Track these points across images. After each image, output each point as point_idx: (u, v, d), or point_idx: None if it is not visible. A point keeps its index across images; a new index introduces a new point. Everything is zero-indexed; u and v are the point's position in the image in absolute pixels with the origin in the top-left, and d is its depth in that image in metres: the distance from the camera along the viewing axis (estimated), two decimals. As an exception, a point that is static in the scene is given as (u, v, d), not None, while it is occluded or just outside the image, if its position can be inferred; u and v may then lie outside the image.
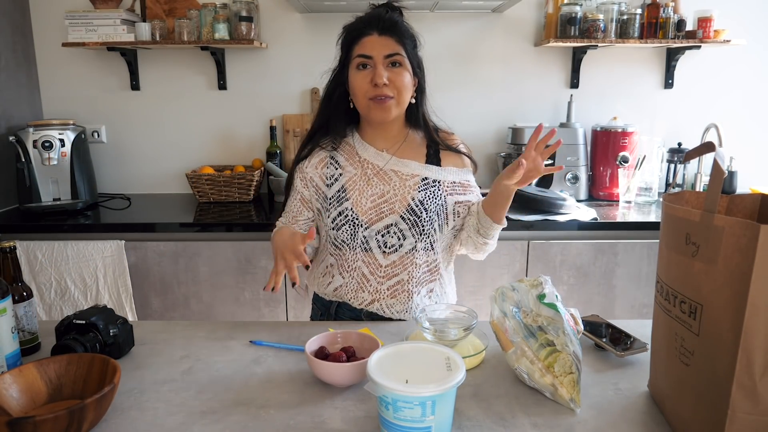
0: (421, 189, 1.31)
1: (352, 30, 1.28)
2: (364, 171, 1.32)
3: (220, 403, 0.93)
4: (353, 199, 1.30)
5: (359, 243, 1.30)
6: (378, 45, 1.23)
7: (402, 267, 1.31)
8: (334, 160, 1.35)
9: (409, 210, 1.29)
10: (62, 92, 2.67)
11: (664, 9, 2.41)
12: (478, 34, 2.62)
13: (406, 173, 1.32)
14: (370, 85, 1.24)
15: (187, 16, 2.46)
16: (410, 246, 1.30)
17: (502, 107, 2.67)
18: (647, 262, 2.15)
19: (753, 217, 0.88)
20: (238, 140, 2.71)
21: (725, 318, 0.70)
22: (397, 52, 1.24)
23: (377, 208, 1.30)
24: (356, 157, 1.34)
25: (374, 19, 1.25)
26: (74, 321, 1.05)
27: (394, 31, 1.25)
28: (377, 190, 1.31)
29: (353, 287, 1.32)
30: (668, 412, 0.86)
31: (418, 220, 1.29)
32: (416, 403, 0.76)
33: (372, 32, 1.24)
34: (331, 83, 1.34)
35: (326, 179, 1.34)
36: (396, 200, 1.30)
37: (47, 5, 2.58)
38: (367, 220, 1.29)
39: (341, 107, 1.33)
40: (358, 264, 1.31)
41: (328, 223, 1.31)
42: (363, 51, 1.24)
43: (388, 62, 1.24)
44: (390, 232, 1.29)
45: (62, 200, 2.39)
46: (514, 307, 0.99)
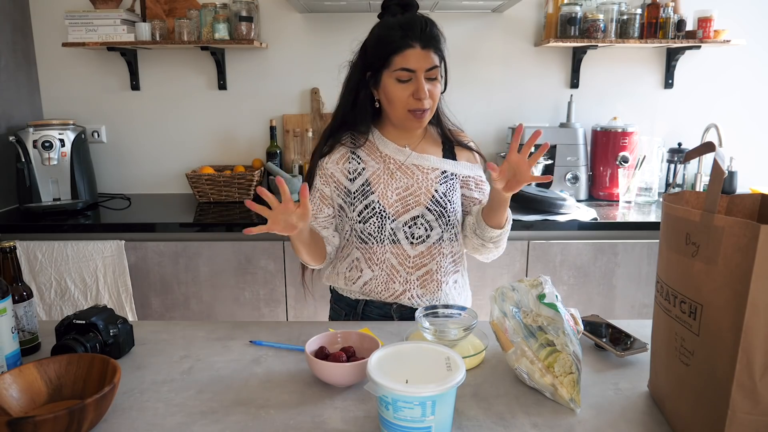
0: (442, 182, 1.35)
1: (393, 38, 1.25)
2: (387, 165, 1.35)
3: (220, 403, 0.93)
4: (378, 192, 1.33)
5: (387, 235, 1.32)
6: (421, 59, 1.24)
7: (430, 257, 1.34)
8: (355, 155, 1.36)
9: (434, 201, 1.33)
10: (62, 92, 2.67)
11: (664, 9, 2.41)
12: (478, 34, 2.62)
13: (427, 167, 1.35)
14: (411, 98, 1.26)
15: (187, 16, 2.46)
16: (437, 236, 1.34)
17: (502, 107, 2.67)
18: (647, 262, 2.15)
19: (753, 217, 0.88)
20: (238, 140, 2.71)
21: (725, 318, 0.70)
22: (435, 66, 1.26)
23: (402, 201, 1.33)
24: (377, 153, 1.36)
25: (415, 30, 1.24)
26: (74, 321, 1.06)
27: (433, 44, 1.25)
28: (401, 183, 1.34)
29: (383, 279, 1.34)
30: (668, 412, 0.86)
31: (444, 211, 1.33)
32: (416, 403, 0.76)
33: (415, 45, 1.23)
34: (356, 82, 1.33)
35: (348, 174, 1.35)
36: (420, 193, 1.33)
37: (47, 5, 2.58)
38: (394, 212, 1.32)
39: (367, 108, 1.34)
40: (386, 256, 1.33)
41: (354, 216, 1.33)
42: (406, 65, 1.24)
43: (427, 76, 1.26)
44: (417, 223, 1.33)
45: (62, 200, 2.39)
46: (514, 307, 0.99)
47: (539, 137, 1.13)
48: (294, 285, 2.17)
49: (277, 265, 2.15)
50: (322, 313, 2.19)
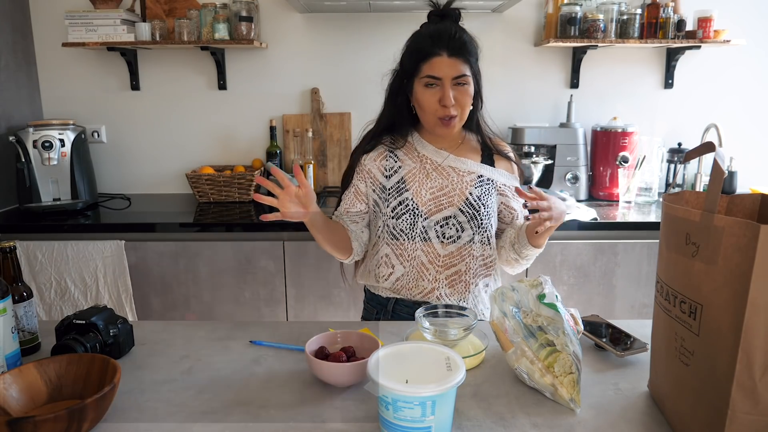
0: (477, 185, 1.37)
1: (422, 47, 1.29)
2: (423, 165, 1.38)
3: (220, 403, 0.93)
4: (413, 190, 1.36)
5: (418, 233, 1.34)
6: (447, 67, 1.26)
7: (460, 258, 1.36)
8: (393, 153, 1.39)
9: (468, 204, 1.35)
10: (62, 92, 2.67)
11: (664, 9, 2.41)
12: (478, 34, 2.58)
13: (463, 170, 1.37)
14: (438, 105, 1.28)
15: (187, 16, 2.46)
16: (468, 238, 1.35)
17: (502, 107, 2.67)
18: (647, 262, 2.15)
19: (753, 217, 0.88)
20: (238, 140, 2.71)
21: (725, 318, 0.70)
22: (464, 74, 1.27)
23: (436, 200, 1.35)
24: (415, 153, 1.39)
25: (444, 39, 1.26)
26: (74, 321, 1.05)
27: (462, 51, 1.27)
28: (436, 184, 1.36)
29: (413, 276, 1.36)
30: (668, 412, 0.86)
31: (477, 214, 1.35)
32: (416, 403, 0.76)
33: (442, 53, 1.26)
34: (395, 88, 1.37)
35: (385, 171, 1.39)
36: (454, 194, 1.35)
37: (47, 5, 2.58)
38: (427, 210, 1.35)
39: (404, 112, 1.38)
40: (417, 253, 1.35)
41: (388, 212, 1.36)
42: (432, 72, 1.26)
43: (455, 83, 1.27)
44: (448, 223, 1.34)
45: (62, 200, 2.39)
46: (514, 307, 0.99)
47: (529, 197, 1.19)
48: (294, 285, 2.17)
49: (277, 265, 2.15)
50: (323, 313, 2.20)
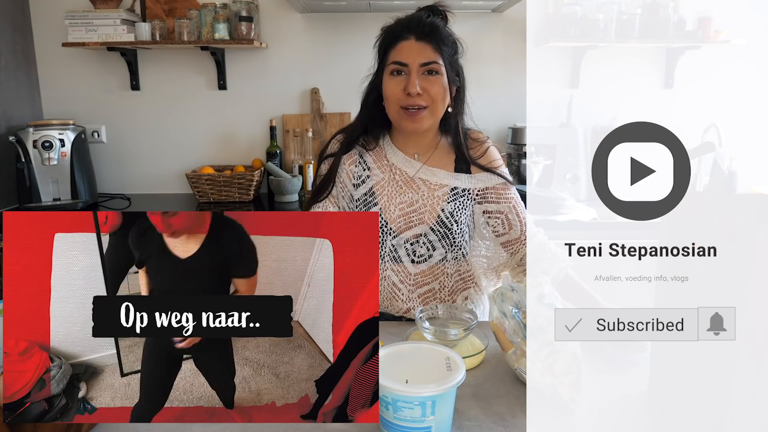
0: (450, 200, 1.27)
1: (390, 33, 1.22)
2: (393, 177, 1.29)
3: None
4: (381, 205, 1.28)
5: (387, 251, 1.27)
6: (414, 52, 1.17)
7: (432, 276, 1.29)
8: (363, 159, 1.31)
9: (439, 222, 1.25)
10: (62, 92, 2.67)
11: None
12: (478, 34, 2.61)
13: (434, 183, 1.27)
14: (402, 93, 1.18)
15: (187, 16, 2.46)
16: (440, 257, 1.27)
17: (502, 107, 2.67)
18: (647, 262, 2.15)
19: (753, 217, 0.88)
20: (238, 140, 2.71)
21: (725, 318, 0.70)
22: (433, 60, 1.18)
23: (406, 217, 1.26)
24: (384, 161, 1.30)
25: (413, 22, 1.19)
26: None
27: (432, 37, 1.18)
28: (406, 199, 1.27)
29: (386, 296, 1.29)
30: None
31: (449, 232, 1.26)
32: (416, 403, 0.76)
33: (409, 37, 1.18)
34: (368, 87, 1.29)
35: (353, 178, 1.31)
36: (425, 210, 1.26)
37: (47, 5, 2.58)
38: (396, 228, 1.27)
39: (375, 112, 1.28)
40: (387, 273, 1.29)
41: None
42: (398, 57, 1.18)
43: (423, 70, 1.18)
44: (419, 241, 1.26)
45: (62, 200, 2.39)
46: (514, 307, 0.99)
47: None
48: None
49: (277, 265, 2.15)
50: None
